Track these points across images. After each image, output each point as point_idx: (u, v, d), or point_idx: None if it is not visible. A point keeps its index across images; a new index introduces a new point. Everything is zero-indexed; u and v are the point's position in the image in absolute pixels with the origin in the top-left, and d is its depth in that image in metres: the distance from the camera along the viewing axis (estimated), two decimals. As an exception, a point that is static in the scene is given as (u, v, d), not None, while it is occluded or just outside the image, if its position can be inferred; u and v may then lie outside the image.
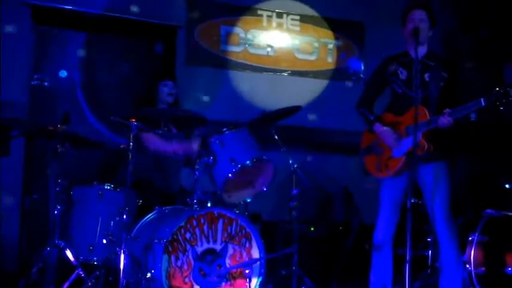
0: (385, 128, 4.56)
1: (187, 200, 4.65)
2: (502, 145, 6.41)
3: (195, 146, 5.28)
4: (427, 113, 4.37)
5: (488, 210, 4.90)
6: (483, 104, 4.12)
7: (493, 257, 4.70)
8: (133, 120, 4.47)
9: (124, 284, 4.16)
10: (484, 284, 4.67)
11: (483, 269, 4.69)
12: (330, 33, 7.13)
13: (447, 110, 4.25)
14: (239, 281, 4.49)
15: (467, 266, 4.72)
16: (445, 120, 4.26)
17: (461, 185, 5.63)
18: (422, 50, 4.52)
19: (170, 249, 4.30)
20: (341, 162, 6.64)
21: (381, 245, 4.62)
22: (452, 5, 7.19)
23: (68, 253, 4.40)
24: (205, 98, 6.48)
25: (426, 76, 4.53)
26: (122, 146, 5.18)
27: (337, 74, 7.14)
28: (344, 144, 6.60)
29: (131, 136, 4.45)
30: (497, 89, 4.10)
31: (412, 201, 4.04)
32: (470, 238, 4.82)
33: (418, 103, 4.28)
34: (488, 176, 6.16)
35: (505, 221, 4.82)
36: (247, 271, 4.49)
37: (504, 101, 4.09)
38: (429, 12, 4.57)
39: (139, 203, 4.86)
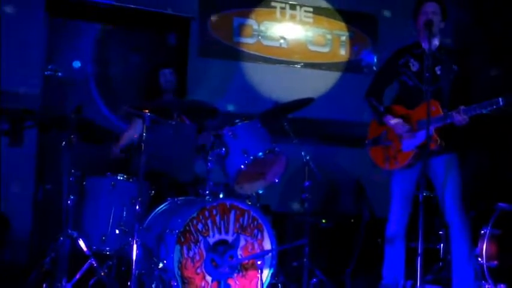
0: (396, 119, 4.55)
1: (200, 191, 4.67)
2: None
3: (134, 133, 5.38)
4: (440, 108, 4.36)
5: (501, 204, 4.88)
6: (501, 104, 4.10)
7: (505, 250, 4.69)
8: (147, 111, 4.47)
9: (136, 274, 4.17)
10: (496, 277, 4.66)
11: (495, 262, 4.67)
12: (343, 25, 7.11)
13: (462, 108, 4.24)
14: (251, 272, 4.50)
15: (480, 259, 4.71)
16: (460, 118, 4.25)
17: (473, 178, 5.60)
18: (433, 43, 4.50)
19: (182, 240, 4.31)
20: (353, 154, 6.61)
21: (393, 238, 4.63)
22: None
23: (81, 243, 4.41)
24: (218, 90, 6.47)
25: (437, 69, 4.54)
26: (134, 136, 5.21)
27: (350, 66, 7.13)
28: (356, 137, 6.56)
29: (144, 127, 4.46)
30: None
31: (424, 194, 4.03)
32: (482, 231, 4.81)
33: (430, 97, 4.27)
34: (501, 169, 6.13)
35: (518, 214, 4.80)
36: (259, 262, 4.48)
37: None
38: (441, 4, 4.56)
39: (152, 194, 4.87)
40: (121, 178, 4.74)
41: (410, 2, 4.82)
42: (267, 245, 4.58)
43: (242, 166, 4.56)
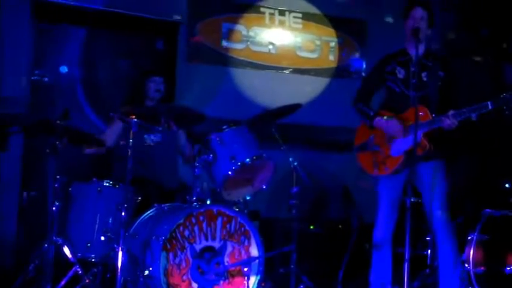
0: (387, 118, 4.54)
1: (187, 197, 4.65)
2: (502, 144, 6.40)
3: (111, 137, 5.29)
4: (428, 112, 4.37)
5: (488, 210, 4.88)
6: (490, 107, 4.13)
7: (492, 256, 4.69)
8: (133, 117, 4.45)
9: (122, 281, 4.16)
10: (482, 284, 4.66)
11: (482, 268, 4.67)
12: (332, 31, 7.10)
13: (451, 112, 4.25)
14: (237, 279, 4.48)
15: (466, 265, 4.71)
16: (450, 122, 4.25)
17: (461, 184, 5.61)
18: (420, 49, 4.51)
19: (168, 246, 4.29)
20: (341, 160, 6.61)
21: (380, 244, 4.62)
22: (452, 3, 7.17)
23: (66, 250, 4.40)
24: (206, 95, 6.44)
25: (424, 75, 4.55)
26: (121, 143, 5.18)
27: (339, 72, 7.11)
28: (345, 142, 6.56)
29: (131, 133, 4.43)
30: (505, 94, 4.11)
31: (412, 200, 4.03)
32: (469, 237, 4.81)
33: (417, 102, 4.28)
34: (488, 175, 6.14)
35: (504, 220, 4.80)
36: (245, 269, 4.48)
37: (511, 105, 4.09)
38: (429, 11, 4.58)
39: (138, 200, 4.84)
40: (107, 184, 4.71)
41: (399, 7, 4.84)
42: (254, 251, 4.57)
43: (229, 172, 4.55)
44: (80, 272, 4.36)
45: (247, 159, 4.57)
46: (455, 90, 4.56)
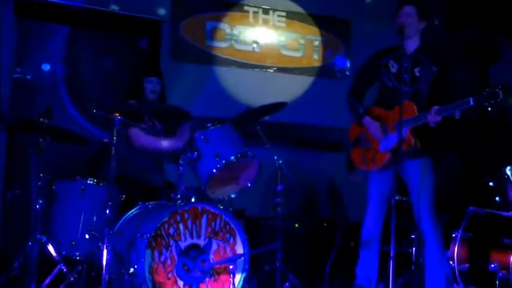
0: (373, 122, 4.57)
1: (171, 195, 4.63)
2: (486, 143, 6.44)
3: (183, 142, 5.19)
4: (415, 109, 4.40)
5: (472, 208, 4.91)
6: (472, 103, 4.17)
7: (477, 253, 4.71)
8: (117, 114, 4.42)
9: (107, 279, 4.12)
10: (467, 281, 4.68)
11: (466, 265, 4.69)
12: (316, 30, 7.12)
13: (434, 108, 4.28)
14: (223, 277, 4.48)
15: (451, 262, 4.73)
16: (432, 117, 4.28)
17: (445, 182, 5.64)
18: (414, 44, 4.57)
19: (153, 244, 4.27)
20: (326, 158, 6.63)
21: (368, 240, 4.66)
22: (437, 4, 7.21)
23: (50, 248, 4.37)
24: (190, 94, 6.42)
25: (416, 71, 4.57)
26: (105, 141, 5.15)
27: (323, 71, 7.13)
28: (329, 141, 6.61)
29: (114, 131, 4.40)
30: (487, 90, 4.13)
31: (397, 198, 4.04)
32: (454, 235, 4.83)
33: (407, 98, 4.32)
34: (473, 173, 6.17)
35: (488, 218, 4.83)
36: (231, 267, 4.47)
37: (492, 102, 4.12)
38: (418, 6, 4.60)
39: (123, 198, 4.81)
40: (91, 182, 4.68)
41: (383, 7, 4.86)
42: (239, 249, 4.56)
43: (214, 170, 4.54)
44: (65, 270, 4.32)
45: (232, 157, 4.56)
46: (447, 85, 4.59)
